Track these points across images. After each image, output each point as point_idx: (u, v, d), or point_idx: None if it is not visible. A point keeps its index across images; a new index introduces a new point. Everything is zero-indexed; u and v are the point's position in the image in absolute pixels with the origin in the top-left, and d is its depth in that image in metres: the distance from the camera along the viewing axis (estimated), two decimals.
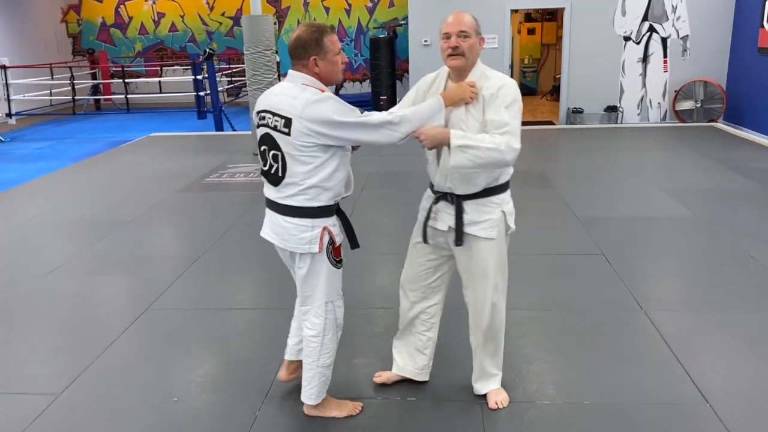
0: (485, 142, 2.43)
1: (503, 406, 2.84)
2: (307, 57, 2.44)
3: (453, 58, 2.54)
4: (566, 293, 4.02)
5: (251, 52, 8.26)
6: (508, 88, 2.52)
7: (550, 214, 5.61)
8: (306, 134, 2.38)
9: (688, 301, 3.89)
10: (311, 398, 2.73)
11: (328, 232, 2.53)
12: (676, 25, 10.24)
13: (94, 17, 15.13)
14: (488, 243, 2.64)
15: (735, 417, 2.73)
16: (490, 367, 2.87)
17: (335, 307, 2.66)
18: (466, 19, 2.55)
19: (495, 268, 2.67)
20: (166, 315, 3.88)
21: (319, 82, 2.48)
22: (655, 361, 3.21)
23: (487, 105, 2.51)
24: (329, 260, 2.56)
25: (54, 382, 3.14)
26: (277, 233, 2.60)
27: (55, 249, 5.10)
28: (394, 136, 2.46)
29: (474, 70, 2.60)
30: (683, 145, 8.44)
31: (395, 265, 4.53)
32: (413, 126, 2.47)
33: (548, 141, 9.20)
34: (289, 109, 2.40)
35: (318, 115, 2.35)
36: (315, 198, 2.48)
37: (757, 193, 6.10)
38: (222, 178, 7.31)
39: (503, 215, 2.65)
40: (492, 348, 2.84)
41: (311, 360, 2.68)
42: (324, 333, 2.65)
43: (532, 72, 14.68)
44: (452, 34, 2.52)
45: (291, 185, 2.48)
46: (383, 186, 6.74)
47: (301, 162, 2.43)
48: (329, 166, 2.46)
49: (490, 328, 2.77)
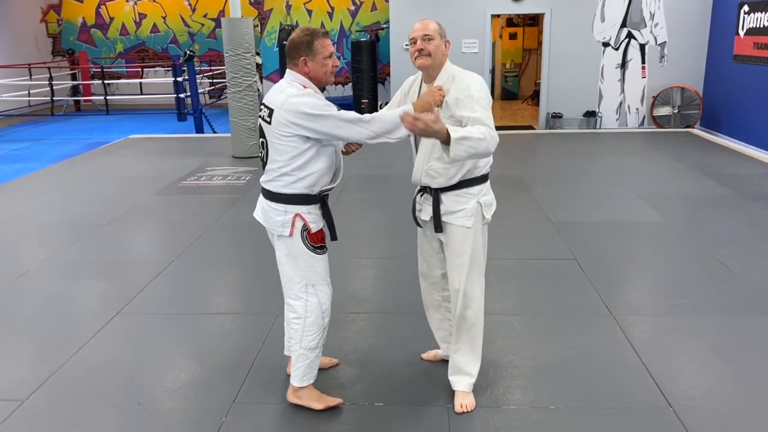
0: (474, 132, 2.50)
1: (468, 410, 2.86)
2: (298, 57, 2.64)
3: (419, 58, 2.70)
4: (537, 298, 4.06)
5: (231, 55, 8.24)
6: (474, 84, 2.65)
7: (525, 219, 5.65)
8: (284, 124, 2.57)
9: (657, 307, 3.94)
10: (296, 379, 2.84)
11: (300, 218, 2.67)
12: (654, 31, 10.36)
13: (74, 17, 15.00)
14: (463, 231, 2.76)
15: (697, 421, 2.78)
16: (464, 364, 2.91)
17: (317, 291, 2.77)
18: (431, 24, 2.72)
19: (469, 255, 2.77)
20: (137, 319, 3.86)
21: (308, 80, 2.66)
22: (621, 365, 3.25)
23: (459, 105, 2.62)
24: (305, 245, 2.69)
25: (19, 388, 3.11)
26: (262, 214, 2.77)
27: (26, 252, 5.05)
28: (364, 132, 2.59)
29: (443, 72, 2.74)
30: (660, 151, 8.54)
31: (368, 270, 4.56)
32: (383, 127, 2.60)
33: (527, 146, 9.27)
34: (274, 101, 2.61)
35: (295, 107, 2.54)
36: (288, 185, 2.65)
37: (730, 198, 6.18)
38: (200, 180, 7.28)
39: (479, 206, 2.76)
40: (466, 341, 2.88)
41: (295, 342, 2.79)
42: (306, 315, 2.76)
43: (513, 77, 14.78)
44: (418, 39, 2.69)
45: (270, 171, 2.68)
46: (362, 189, 6.75)
47: (279, 150, 2.62)
48: (304, 157, 2.62)
49: (462, 318, 2.83)
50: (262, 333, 3.63)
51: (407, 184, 2.86)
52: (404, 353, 3.38)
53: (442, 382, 3.08)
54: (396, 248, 5.00)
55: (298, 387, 2.86)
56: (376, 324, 3.75)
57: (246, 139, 8.46)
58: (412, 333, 3.58)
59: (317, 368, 2.88)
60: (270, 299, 4.07)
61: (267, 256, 4.78)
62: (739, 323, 3.67)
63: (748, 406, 2.89)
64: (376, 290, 4.24)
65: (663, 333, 3.59)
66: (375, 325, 3.73)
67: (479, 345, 2.93)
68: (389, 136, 2.62)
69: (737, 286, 4.16)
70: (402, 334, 3.61)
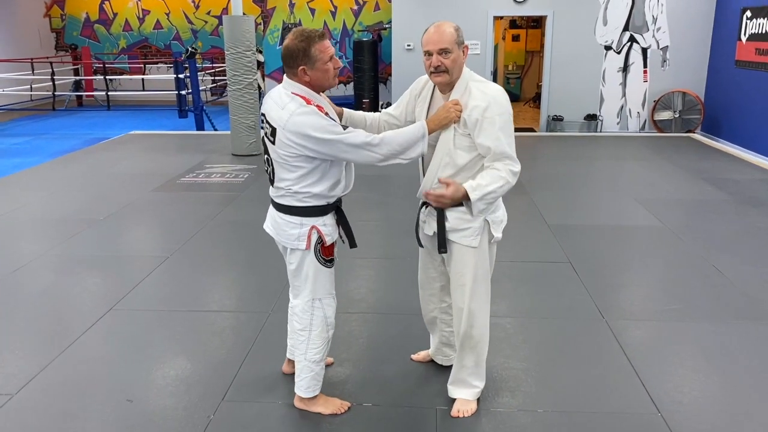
0: (495, 182, 2.49)
1: (465, 416, 2.83)
2: (296, 67, 2.49)
3: (436, 76, 2.56)
4: (529, 301, 4.06)
5: (232, 53, 8.25)
6: (496, 106, 2.49)
7: (522, 222, 5.65)
8: (288, 145, 2.45)
9: (649, 311, 3.93)
10: (301, 390, 2.83)
11: (316, 231, 2.59)
12: (656, 35, 10.35)
13: (78, 12, 15.03)
14: (468, 250, 2.65)
15: (684, 427, 2.77)
16: (468, 376, 2.87)
17: (324, 305, 2.73)
18: (447, 33, 2.50)
19: (473, 275, 2.68)
20: (130, 316, 3.86)
21: (310, 90, 2.53)
22: (611, 370, 3.24)
23: (478, 128, 2.50)
24: (317, 258, 2.64)
25: (9, 382, 3.11)
26: (273, 227, 2.70)
27: (22, 247, 5.06)
28: (373, 157, 2.49)
29: (459, 83, 2.58)
30: (660, 156, 8.53)
31: (363, 270, 4.56)
32: (393, 149, 2.50)
33: (527, 148, 9.26)
34: (276, 119, 2.48)
35: (299, 129, 2.41)
36: (302, 200, 2.57)
37: (728, 204, 6.17)
38: (198, 178, 7.28)
39: (486, 224, 2.64)
40: (471, 358, 2.83)
41: (300, 353, 2.78)
42: (311, 329, 2.73)
43: (515, 78, 14.77)
44: (434, 53, 2.51)
45: (280, 188, 2.60)
46: (360, 189, 6.72)
47: (286, 170, 2.52)
48: (314, 176, 2.53)
49: (468, 336, 2.77)
50: (254, 331, 3.63)
51: (406, 184, 2.87)
52: (394, 354, 3.38)
53: (430, 383, 3.08)
54: (392, 249, 5.01)
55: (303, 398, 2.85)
56: (368, 324, 3.75)
57: (245, 136, 8.47)
58: (403, 334, 3.59)
59: (321, 380, 2.84)
60: (263, 298, 4.07)
61: (262, 255, 4.81)
62: (730, 329, 3.66)
63: (736, 412, 2.89)
64: (370, 290, 4.24)
65: (654, 338, 3.59)
66: (367, 326, 3.73)
67: (484, 359, 2.87)
68: (402, 157, 2.53)
69: (730, 292, 4.16)
70: (393, 334, 3.61)
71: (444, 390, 2.99)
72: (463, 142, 2.56)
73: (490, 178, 2.50)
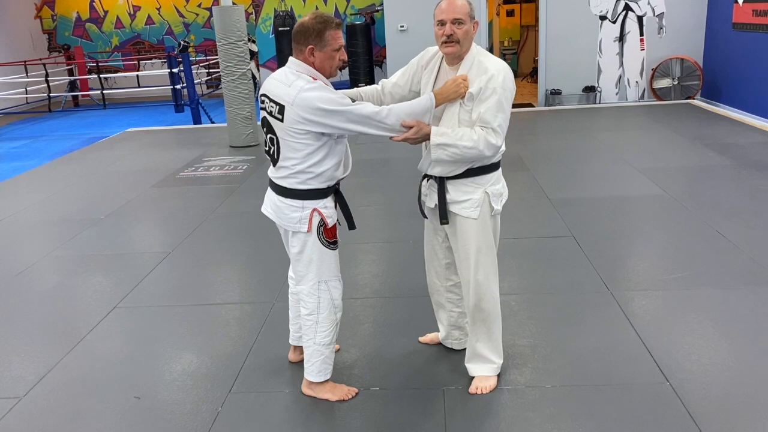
0: (464, 139, 2.49)
1: (484, 393, 2.82)
2: (306, 45, 2.53)
3: (447, 45, 2.58)
4: (534, 276, 4.04)
5: (224, 44, 8.19)
6: (496, 79, 2.52)
7: (523, 197, 5.61)
8: (298, 121, 2.46)
9: (654, 281, 3.91)
10: (312, 375, 2.82)
11: (318, 213, 2.60)
12: (651, 2, 10.21)
13: (68, 12, 14.95)
14: (470, 222, 2.68)
15: (693, 394, 2.76)
16: (483, 350, 2.87)
17: (330, 287, 2.73)
18: (461, 4, 2.56)
19: (477, 247, 2.70)
20: (135, 312, 3.86)
21: (314, 70, 2.55)
22: (618, 341, 3.23)
23: (478, 98, 2.53)
24: (320, 240, 2.65)
25: (17, 385, 3.12)
26: (274, 211, 2.71)
27: (25, 250, 5.06)
28: (381, 127, 2.51)
29: (467, 57, 2.61)
30: (660, 124, 8.45)
31: (366, 255, 4.55)
32: (401, 119, 2.51)
33: (525, 124, 9.19)
34: (283, 96, 2.49)
35: (307, 103, 2.43)
36: (305, 182, 2.58)
37: (730, 169, 6.12)
38: (197, 171, 7.26)
39: (486, 195, 2.66)
40: (483, 331, 2.84)
41: (308, 338, 2.77)
42: (318, 312, 2.73)
43: (512, 54, 14.63)
44: (447, 21, 2.54)
45: (283, 168, 2.59)
46: (361, 174, 6.71)
47: (293, 148, 2.53)
48: (320, 154, 2.54)
49: (478, 309, 2.78)
50: (259, 322, 3.63)
51: (407, 168, 2.86)
52: (401, 337, 3.37)
53: (438, 365, 3.08)
54: (394, 232, 4.98)
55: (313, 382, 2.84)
56: (373, 308, 3.74)
57: (242, 128, 8.42)
58: (409, 317, 3.57)
59: (332, 363, 2.84)
60: (267, 288, 4.06)
61: (264, 245, 4.79)
62: (737, 295, 3.64)
63: (745, 378, 2.87)
64: (373, 275, 4.22)
65: (661, 307, 3.56)
66: (372, 310, 3.72)
67: (498, 334, 2.88)
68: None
69: (736, 258, 4.12)
70: (399, 317, 3.60)
71: (452, 370, 2.98)
72: (467, 117, 2.57)
73: (461, 134, 2.52)
